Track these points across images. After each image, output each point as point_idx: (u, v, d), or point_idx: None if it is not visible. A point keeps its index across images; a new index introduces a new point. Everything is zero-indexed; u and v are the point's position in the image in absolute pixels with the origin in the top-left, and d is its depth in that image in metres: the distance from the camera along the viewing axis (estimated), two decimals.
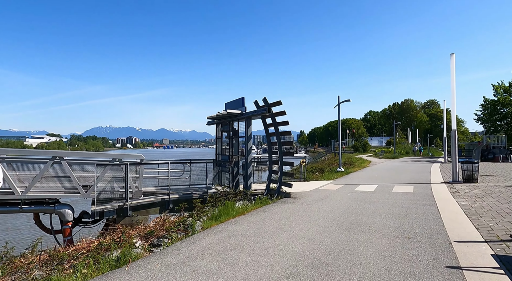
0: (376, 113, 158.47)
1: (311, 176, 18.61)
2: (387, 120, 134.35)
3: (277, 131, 11.45)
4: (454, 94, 14.24)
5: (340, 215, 8.08)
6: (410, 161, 35.95)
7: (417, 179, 16.41)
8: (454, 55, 14.33)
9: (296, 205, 9.59)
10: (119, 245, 5.55)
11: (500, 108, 58.07)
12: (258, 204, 9.72)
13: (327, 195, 11.50)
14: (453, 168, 14.59)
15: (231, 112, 12.23)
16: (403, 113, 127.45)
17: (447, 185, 13.69)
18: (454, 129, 14.52)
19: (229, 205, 8.56)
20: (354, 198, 10.75)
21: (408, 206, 9.14)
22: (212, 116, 13.65)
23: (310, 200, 10.57)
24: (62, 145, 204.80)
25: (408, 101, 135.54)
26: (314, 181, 16.21)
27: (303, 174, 16.57)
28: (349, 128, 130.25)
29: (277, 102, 11.02)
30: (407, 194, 11.41)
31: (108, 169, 10.80)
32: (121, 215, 10.42)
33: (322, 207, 9.26)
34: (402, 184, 14.59)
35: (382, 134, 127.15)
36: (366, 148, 70.74)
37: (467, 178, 14.48)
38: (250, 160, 11.77)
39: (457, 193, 11.48)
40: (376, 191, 12.32)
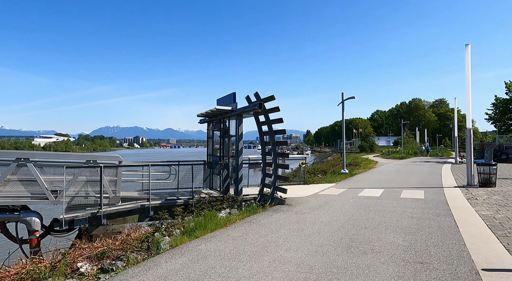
0: (383, 112, 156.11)
1: (313, 179, 17.34)
2: (394, 119, 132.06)
3: (271, 129, 10.24)
4: (469, 88, 12.87)
5: (339, 229, 6.83)
6: (419, 161, 34.43)
7: (428, 182, 15.05)
8: (469, 46, 12.96)
9: (289, 215, 8.36)
10: (55, 272, 4.39)
11: None
12: (246, 213, 8.51)
13: (327, 202, 10.25)
14: (468, 170, 13.21)
15: (220, 109, 11.04)
16: (411, 113, 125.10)
17: (461, 190, 12.33)
18: (469, 128, 13.14)
19: (210, 215, 7.36)
20: (357, 206, 9.49)
21: (419, 216, 7.86)
22: (202, 113, 12.48)
23: (306, 207, 9.33)
24: (69, 145, 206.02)
25: (416, 100, 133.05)
26: (314, 185, 14.96)
27: (302, 176, 15.30)
28: (356, 128, 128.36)
29: (270, 97, 9.80)
30: (417, 201, 10.11)
31: (81, 172, 9.70)
32: (94, 224, 9.30)
33: (319, 217, 8.02)
34: (411, 188, 13.26)
35: (389, 133, 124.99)
36: (373, 148, 69.07)
37: (484, 182, 13.09)
38: (241, 162, 10.57)
39: (474, 200, 10.14)
40: (382, 197, 11.03)
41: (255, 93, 10.18)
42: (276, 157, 10.33)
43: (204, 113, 12.21)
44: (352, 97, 19.74)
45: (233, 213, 8.64)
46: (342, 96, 20.19)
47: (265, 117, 10.27)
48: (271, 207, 9.54)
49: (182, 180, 12.14)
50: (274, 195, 10.32)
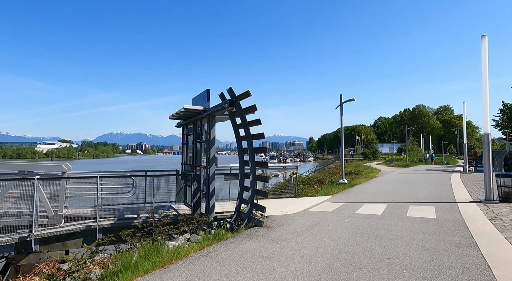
0: (387, 119, 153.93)
1: (307, 190, 15.42)
2: (398, 126, 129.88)
3: (248, 133, 8.39)
4: (487, 86, 10.98)
5: (324, 269, 4.93)
6: (425, 170, 32.39)
7: (438, 195, 13.08)
8: (486, 37, 11.10)
9: (263, 243, 6.46)
10: None
11: None
12: (208, 240, 6.62)
13: (316, 223, 8.33)
14: (486, 182, 11.25)
15: (190, 109, 9.22)
16: (415, 119, 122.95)
17: (479, 206, 10.37)
18: (487, 132, 11.21)
19: (150, 249, 5.46)
20: (353, 228, 7.57)
21: (433, 248, 5.93)
22: (173, 115, 10.67)
23: (289, 231, 7.42)
24: (71, 151, 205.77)
25: (420, 107, 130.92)
26: (307, 198, 13.03)
27: (293, 188, 13.39)
28: (359, 135, 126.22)
29: (245, 93, 7.98)
30: (428, 222, 8.17)
31: (12, 185, 7.88)
32: (23, 251, 7.45)
33: (302, 248, 6.12)
34: (419, 203, 11.31)
35: (393, 140, 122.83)
36: (376, 155, 67.02)
37: (505, 196, 11.12)
38: (213, 173, 8.70)
39: (499, 220, 8.19)
40: (384, 215, 9.10)
41: (229, 88, 8.36)
42: (254, 167, 8.47)
43: (174, 114, 10.41)
44: (351, 100, 17.91)
45: (193, 240, 6.76)
46: (341, 98, 18.35)
47: (241, 118, 8.43)
48: (245, 230, 7.63)
49: (151, 194, 10.33)
50: (252, 214, 8.43)
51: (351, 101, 17.92)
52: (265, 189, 14.14)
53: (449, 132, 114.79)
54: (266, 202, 11.83)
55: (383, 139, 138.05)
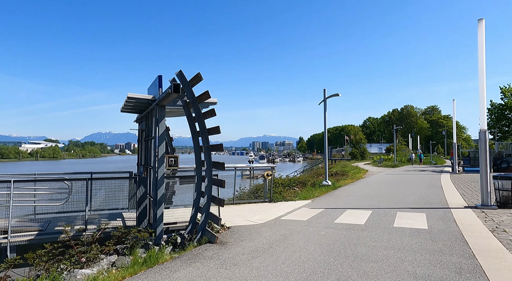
0: (375, 119, 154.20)
1: (286, 193, 13.98)
2: (386, 126, 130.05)
3: (202, 126, 6.86)
4: (483, 75, 9.68)
5: None
6: (413, 170, 31.37)
7: (428, 199, 11.77)
8: (483, 21, 9.80)
9: (207, 269, 4.94)
10: None
11: (508, 113, 53.60)
12: (136, 266, 5.06)
13: (285, 236, 6.85)
14: (482, 185, 9.95)
15: (135, 98, 7.64)
16: (403, 120, 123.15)
17: (476, 213, 9.06)
18: (484, 129, 9.92)
19: None
20: (328, 245, 6.12)
21: (427, 275, 4.51)
22: (122, 107, 9.06)
23: (247, 249, 5.93)
24: (57, 151, 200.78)
25: (408, 107, 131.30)
26: (284, 202, 11.56)
27: (268, 192, 11.89)
28: (348, 135, 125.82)
29: (195, 77, 6.45)
30: (419, 234, 6.78)
31: None
32: None
33: (256, 276, 4.63)
34: (408, 209, 9.96)
35: (381, 140, 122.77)
36: (364, 155, 66.22)
37: (504, 201, 9.86)
38: (161, 175, 7.14)
39: (502, 232, 6.86)
40: (368, 226, 7.69)
41: (178, 72, 6.80)
42: (210, 169, 6.95)
43: (123, 106, 8.81)
44: (336, 95, 16.53)
45: (119, 264, 5.21)
46: (324, 93, 16.96)
47: (194, 109, 6.90)
48: (194, 248, 6.09)
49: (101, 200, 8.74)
50: (207, 226, 6.89)
51: (335, 96, 16.55)
52: (241, 192, 12.65)
53: (437, 132, 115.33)
54: (235, 208, 10.34)
55: (372, 139, 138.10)
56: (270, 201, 11.61)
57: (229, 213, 9.46)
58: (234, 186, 11.03)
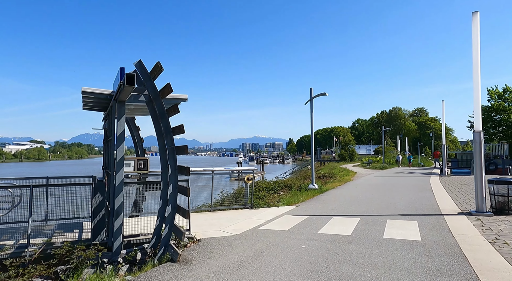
0: (364, 121, 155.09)
1: (269, 198, 13.14)
2: (375, 128, 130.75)
3: (166, 125, 5.96)
4: (478, 70, 9.03)
5: None
6: (401, 172, 30.90)
7: (419, 205, 11.07)
8: (478, 14, 9.16)
9: None
10: None
11: (494, 115, 54.02)
12: None
13: (260, 252, 5.99)
14: (477, 190, 9.27)
15: (91, 92, 6.68)
16: (392, 121, 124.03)
17: (471, 220, 8.36)
18: (479, 130, 9.26)
19: None
20: (308, 263, 5.29)
21: None
22: (83, 104, 8.07)
23: (214, 271, 5.04)
24: (43, 152, 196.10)
25: (396, 109, 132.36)
26: (265, 209, 10.70)
27: (249, 198, 11.01)
28: (337, 136, 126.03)
29: (155, 67, 5.55)
30: (412, 248, 6.00)
31: None
32: None
33: None
34: (398, 216, 9.21)
35: (370, 142, 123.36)
36: (353, 157, 65.97)
37: (500, 207, 9.20)
38: (120, 180, 6.21)
39: (503, 244, 6.13)
40: (355, 237, 6.88)
41: (137, 62, 5.89)
42: (175, 173, 6.05)
43: (83, 104, 7.82)
44: (322, 94, 15.78)
45: None
46: (311, 92, 16.20)
47: (156, 105, 5.99)
48: (151, 269, 5.17)
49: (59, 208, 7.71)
50: (169, 242, 5.97)
51: (322, 95, 15.80)
52: (223, 197, 11.73)
53: (424, 134, 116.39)
54: (212, 216, 9.43)
55: (361, 141, 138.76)
56: (251, 207, 10.73)
57: (203, 221, 8.56)
58: (211, 191, 10.12)
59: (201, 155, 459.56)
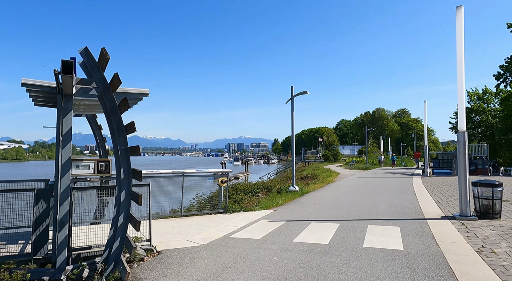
0: (348, 121, 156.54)
1: (246, 201, 12.49)
2: (359, 128, 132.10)
3: (118, 122, 5.21)
4: (462, 68, 8.62)
5: None
6: (384, 173, 30.79)
7: (402, 208, 10.62)
8: (462, 8, 8.74)
9: None
10: None
11: (474, 116, 55.12)
12: None
13: (226, 266, 5.30)
14: (461, 193, 8.85)
15: (31, 84, 5.84)
16: (375, 122, 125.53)
17: (455, 226, 7.92)
18: (463, 130, 8.83)
19: None
20: (279, 280, 4.64)
21: None
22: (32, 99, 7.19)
23: None
24: (21, 152, 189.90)
25: (380, 110, 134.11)
26: (240, 214, 10.01)
27: (223, 202, 10.29)
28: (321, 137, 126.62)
29: (100, 55, 4.81)
30: (394, 259, 5.44)
31: None
32: None
33: None
34: (379, 220, 8.70)
35: (354, 142, 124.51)
36: (337, 157, 66.10)
37: (484, 211, 8.80)
38: (66, 186, 5.41)
39: (490, 253, 5.64)
40: (332, 246, 6.28)
41: (83, 49, 5.11)
42: (129, 178, 5.30)
43: (32, 98, 6.95)
44: (304, 92, 15.22)
45: None
46: (292, 90, 15.61)
47: (106, 100, 5.23)
48: None
49: None
50: (119, 258, 5.22)
51: (304, 94, 15.25)
52: (198, 201, 10.97)
53: (407, 134, 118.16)
54: (181, 222, 8.68)
55: (345, 141, 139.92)
56: (225, 212, 10.02)
57: (169, 229, 7.80)
58: (181, 195, 9.35)
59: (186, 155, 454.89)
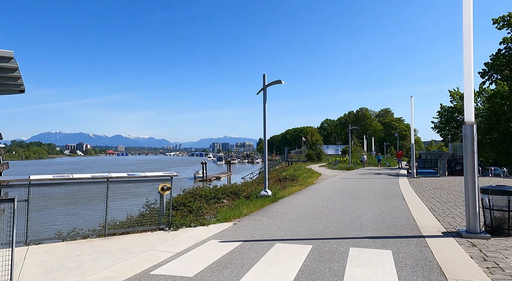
0: (332, 121, 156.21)
1: (207, 209, 10.27)
2: (343, 128, 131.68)
3: None
4: (471, 45, 6.65)
5: None
6: (368, 173, 29.12)
7: (391, 219, 8.62)
8: None
9: None
10: None
11: (457, 115, 54.43)
12: None
13: None
14: (469, 203, 6.86)
15: None
16: (359, 122, 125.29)
17: (464, 248, 5.92)
18: (471, 122, 6.84)
19: None
20: None
21: None
22: None
23: None
24: None
25: (363, 109, 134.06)
26: (186, 230, 7.72)
27: (165, 214, 7.99)
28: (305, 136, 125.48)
29: None
30: None
31: None
32: None
33: None
34: (365, 240, 6.63)
35: (338, 142, 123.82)
36: (320, 157, 64.58)
37: (497, 225, 6.85)
38: None
39: None
40: None
41: None
42: None
43: None
44: (278, 81, 13.08)
45: None
46: (264, 79, 13.45)
47: None
48: None
49: None
50: None
51: (277, 83, 13.10)
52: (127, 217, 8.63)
53: (390, 134, 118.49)
54: (97, 245, 6.36)
55: (329, 141, 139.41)
56: (168, 228, 7.74)
57: (70, 260, 5.47)
58: (106, 207, 7.02)
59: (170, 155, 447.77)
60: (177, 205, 10.52)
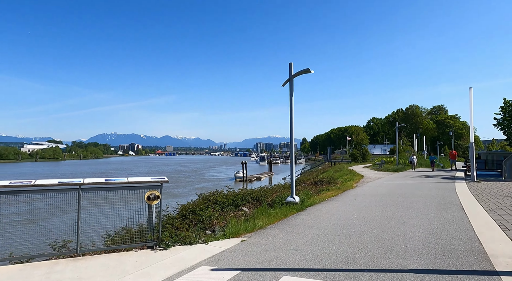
0: (379, 120, 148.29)
1: (219, 218, 8.84)
2: (391, 127, 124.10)
3: None
4: None
5: None
6: (418, 176, 25.94)
7: (447, 240, 6.50)
8: None
9: None
10: None
11: None
12: None
13: None
14: None
15: None
16: (408, 120, 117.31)
17: None
18: None
19: None
20: None
21: None
22: None
23: None
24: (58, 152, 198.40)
25: (413, 107, 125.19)
26: (181, 249, 6.30)
27: (155, 230, 6.61)
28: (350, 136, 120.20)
29: None
30: None
31: None
32: None
33: None
34: (408, 273, 4.72)
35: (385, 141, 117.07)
36: (365, 157, 60.76)
37: None
38: None
39: None
40: None
41: None
42: None
43: None
44: (306, 71, 11.28)
45: None
46: (290, 69, 11.72)
47: None
48: None
49: None
50: None
51: (306, 72, 11.29)
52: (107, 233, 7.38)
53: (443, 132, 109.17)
54: (56, 272, 5.16)
55: (376, 140, 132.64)
56: (156, 247, 6.38)
57: None
58: (77, 220, 5.82)
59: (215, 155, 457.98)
60: (186, 214, 9.21)
